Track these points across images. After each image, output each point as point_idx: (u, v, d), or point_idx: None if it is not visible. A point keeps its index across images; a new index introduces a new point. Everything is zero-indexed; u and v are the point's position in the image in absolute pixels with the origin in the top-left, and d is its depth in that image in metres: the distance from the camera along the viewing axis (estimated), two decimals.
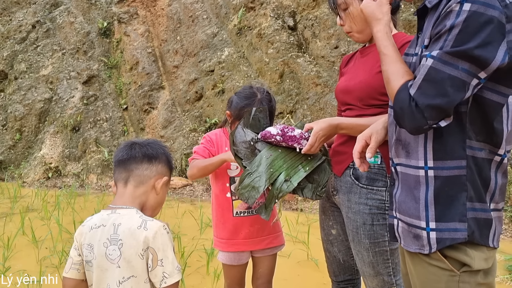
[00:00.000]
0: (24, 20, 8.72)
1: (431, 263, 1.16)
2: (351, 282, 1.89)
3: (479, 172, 1.12)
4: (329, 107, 5.66)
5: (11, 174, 7.34)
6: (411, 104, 1.07)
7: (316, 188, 1.69)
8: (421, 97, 1.06)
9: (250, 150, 1.74)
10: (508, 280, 3.07)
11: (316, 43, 6.27)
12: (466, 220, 1.11)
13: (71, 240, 3.82)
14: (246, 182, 1.66)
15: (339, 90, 1.75)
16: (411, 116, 1.08)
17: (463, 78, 1.03)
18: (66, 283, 1.41)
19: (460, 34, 1.02)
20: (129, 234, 1.31)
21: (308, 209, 5.10)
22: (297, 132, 1.69)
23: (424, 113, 1.05)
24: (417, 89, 1.07)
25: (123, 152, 1.46)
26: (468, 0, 1.03)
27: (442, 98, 1.04)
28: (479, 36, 1.01)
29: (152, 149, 1.48)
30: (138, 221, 1.33)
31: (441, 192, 1.13)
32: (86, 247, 1.38)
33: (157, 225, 1.32)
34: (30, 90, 7.95)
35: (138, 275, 1.31)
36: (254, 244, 2.01)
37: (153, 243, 1.29)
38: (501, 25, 1.01)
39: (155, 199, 1.46)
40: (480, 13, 1.01)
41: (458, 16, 1.03)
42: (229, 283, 2.09)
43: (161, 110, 7.40)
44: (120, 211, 1.38)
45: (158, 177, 1.45)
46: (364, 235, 1.60)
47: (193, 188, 6.33)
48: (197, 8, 7.77)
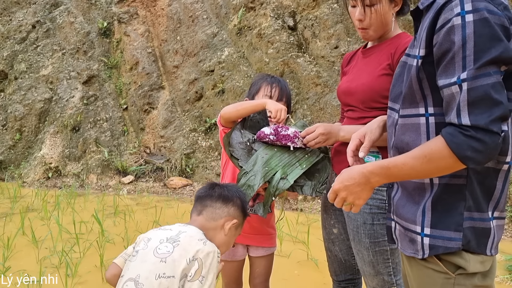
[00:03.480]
0: (24, 20, 8.72)
1: (427, 266, 1.16)
2: (352, 282, 1.89)
3: (481, 181, 1.10)
4: (329, 107, 5.66)
5: (11, 174, 7.34)
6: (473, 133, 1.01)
7: (316, 185, 1.69)
8: (479, 118, 1.00)
9: (246, 150, 1.76)
10: (508, 280, 3.07)
11: (316, 43, 6.27)
12: (461, 229, 1.10)
13: (71, 240, 3.82)
14: (242, 181, 1.69)
15: (341, 91, 1.74)
16: (483, 143, 1.01)
17: (499, 80, 1.02)
18: (111, 267, 1.50)
19: (478, 46, 1.01)
20: (189, 239, 1.40)
21: (308, 209, 5.10)
22: (291, 131, 1.71)
23: (493, 129, 1.00)
24: (469, 115, 1.01)
25: (203, 190, 1.62)
26: (469, 11, 1.01)
27: (496, 106, 1.00)
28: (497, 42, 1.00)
29: (229, 191, 1.59)
30: (201, 237, 1.44)
31: (439, 199, 1.13)
32: (144, 240, 1.46)
33: (213, 248, 1.40)
34: (30, 90, 7.95)
35: (176, 277, 1.33)
36: (248, 239, 2.01)
37: (204, 258, 1.36)
38: (505, 29, 1.02)
39: (222, 239, 1.53)
40: (485, 19, 1.00)
41: (464, 29, 1.01)
42: (227, 282, 2.10)
43: (161, 110, 7.40)
44: (191, 228, 1.49)
45: (229, 218, 1.55)
46: (364, 234, 1.60)
47: (193, 188, 6.33)
48: (197, 8, 7.77)
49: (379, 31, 1.60)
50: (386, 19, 1.57)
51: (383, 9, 1.54)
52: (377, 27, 1.58)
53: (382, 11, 1.54)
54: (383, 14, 1.55)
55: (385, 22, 1.57)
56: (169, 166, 6.68)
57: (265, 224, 2.03)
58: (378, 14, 1.54)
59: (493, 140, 1.01)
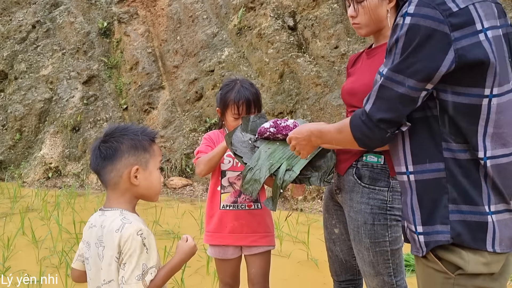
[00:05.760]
0: (24, 20, 8.72)
1: (428, 265, 1.16)
2: (353, 282, 1.89)
3: (466, 174, 1.10)
4: (329, 107, 5.66)
5: (11, 174, 7.34)
6: (367, 120, 1.16)
7: (323, 175, 1.70)
8: (375, 112, 1.14)
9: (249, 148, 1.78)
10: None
11: (316, 43, 6.27)
12: (448, 222, 1.10)
13: (71, 240, 3.82)
14: (248, 177, 1.70)
15: (345, 92, 1.75)
16: (371, 131, 1.16)
17: (410, 95, 1.09)
18: (72, 273, 1.46)
19: (402, 49, 1.08)
20: (110, 237, 1.30)
21: (308, 209, 5.10)
22: (290, 122, 1.72)
23: (381, 125, 1.14)
24: (372, 105, 1.15)
25: (91, 161, 1.40)
26: (409, 14, 1.06)
27: (393, 113, 1.12)
28: (419, 50, 1.05)
29: (108, 147, 1.36)
30: (118, 224, 1.30)
31: (424, 195, 1.15)
32: (85, 244, 1.40)
33: (132, 229, 1.28)
34: (30, 90, 7.95)
35: (116, 280, 1.29)
36: (239, 240, 2.00)
37: (124, 247, 1.27)
38: (444, 35, 1.04)
39: (143, 188, 1.38)
40: (419, 26, 1.05)
41: (400, 30, 1.08)
42: (221, 279, 2.09)
43: (161, 110, 7.40)
44: (107, 213, 1.36)
45: (127, 171, 1.35)
46: (364, 234, 1.60)
47: (193, 188, 6.33)
48: (197, 8, 7.77)
49: (371, 26, 1.64)
50: (377, 15, 1.60)
51: (370, 5, 1.58)
52: (368, 23, 1.63)
53: (371, 6, 1.58)
54: (372, 9, 1.59)
55: (376, 18, 1.61)
56: (169, 166, 6.68)
57: (258, 222, 2.01)
58: (366, 10, 1.59)
59: (379, 133, 1.15)
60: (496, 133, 1.10)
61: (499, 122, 1.09)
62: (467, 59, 1.04)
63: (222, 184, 2.02)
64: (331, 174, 1.70)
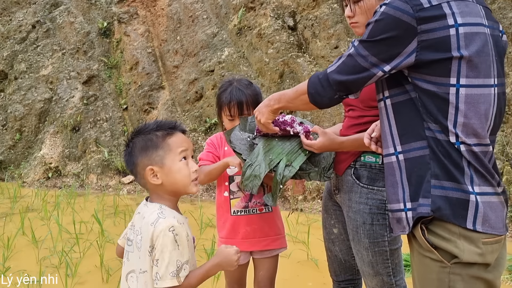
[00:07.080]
0: (24, 20, 8.72)
1: (424, 254, 1.19)
2: (352, 282, 1.89)
3: (446, 154, 1.17)
4: None
5: (11, 174, 7.34)
6: (323, 80, 1.30)
7: (323, 170, 1.71)
8: (335, 74, 1.27)
9: (248, 145, 1.79)
10: (508, 280, 3.08)
11: (316, 43, 6.27)
12: (429, 196, 1.16)
13: (71, 240, 3.82)
14: (248, 173, 1.70)
15: None
16: (323, 89, 1.30)
17: (370, 70, 1.22)
18: (117, 249, 1.51)
19: (372, 29, 1.20)
20: (146, 229, 1.32)
21: (308, 209, 5.10)
22: (288, 117, 1.73)
23: (334, 86, 1.28)
24: (335, 68, 1.28)
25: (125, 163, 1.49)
26: (385, 4, 1.20)
27: (348, 79, 1.25)
28: (386, 33, 1.18)
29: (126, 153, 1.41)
30: (153, 218, 1.32)
31: (412, 173, 1.22)
32: (130, 226, 1.44)
33: (165, 225, 1.29)
34: (30, 90, 7.95)
35: (149, 271, 1.31)
36: (252, 245, 1.99)
37: (156, 242, 1.28)
38: (409, 26, 1.15)
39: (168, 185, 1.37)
40: (390, 15, 1.17)
41: (376, 15, 1.21)
42: (228, 281, 2.09)
43: (161, 110, 7.40)
44: (149, 205, 1.40)
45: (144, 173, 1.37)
46: (363, 234, 1.60)
47: None
48: (197, 8, 7.77)
49: None
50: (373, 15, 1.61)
51: (367, 5, 1.59)
52: (365, 22, 1.63)
53: (367, 7, 1.60)
54: (369, 10, 1.60)
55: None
56: None
57: (270, 226, 2.01)
58: (363, 10, 1.61)
59: (330, 92, 1.30)
60: (467, 123, 1.15)
61: (469, 113, 1.15)
62: (430, 50, 1.14)
63: (231, 189, 2.01)
64: (331, 169, 1.71)
